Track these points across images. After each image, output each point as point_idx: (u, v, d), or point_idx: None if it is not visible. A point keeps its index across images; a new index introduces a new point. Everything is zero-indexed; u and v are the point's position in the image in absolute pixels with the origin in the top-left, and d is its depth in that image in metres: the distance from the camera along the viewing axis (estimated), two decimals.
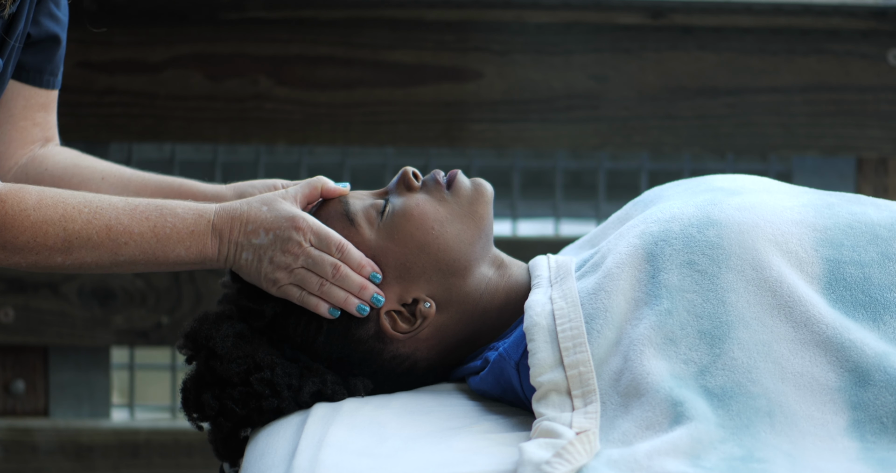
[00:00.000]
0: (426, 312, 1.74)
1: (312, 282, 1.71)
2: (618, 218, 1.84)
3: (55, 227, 1.68)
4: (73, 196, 1.70)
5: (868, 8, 2.72)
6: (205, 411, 1.74)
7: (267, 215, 1.71)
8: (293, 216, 1.71)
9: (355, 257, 1.72)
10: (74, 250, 1.69)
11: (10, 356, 2.83)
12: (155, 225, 1.70)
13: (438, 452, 1.56)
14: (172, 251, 1.71)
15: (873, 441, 1.48)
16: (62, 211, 1.69)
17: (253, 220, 1.71)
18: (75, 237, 1.68)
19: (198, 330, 1.75)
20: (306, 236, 1.70)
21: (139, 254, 1.70)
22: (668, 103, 2.76)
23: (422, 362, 1.77)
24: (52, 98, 1.93)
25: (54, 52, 1.88)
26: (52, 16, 1.86)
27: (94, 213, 1.69)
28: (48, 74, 1.90)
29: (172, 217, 1.71)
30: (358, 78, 2.74)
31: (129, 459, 2.83)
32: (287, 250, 1.70)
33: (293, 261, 1.70)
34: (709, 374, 1.53)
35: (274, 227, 1.71)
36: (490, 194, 1.79)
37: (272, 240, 1.70)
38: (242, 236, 1.71)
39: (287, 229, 1.70)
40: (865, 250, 1.62)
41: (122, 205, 1.71)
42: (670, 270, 1.60)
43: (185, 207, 1.72)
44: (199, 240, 1.71)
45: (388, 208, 1.76)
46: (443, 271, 1.75)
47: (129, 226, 1.70)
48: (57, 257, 1.69)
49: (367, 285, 1.72)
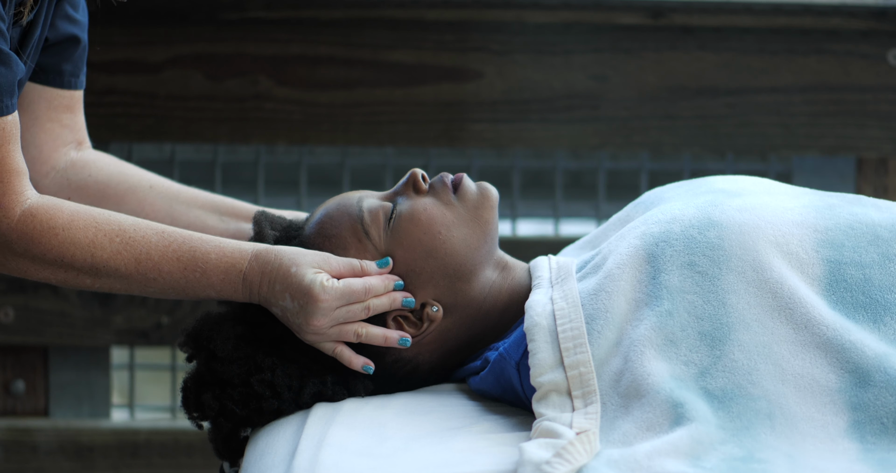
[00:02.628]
0: (433, 316, 1.74)
1: (349, 335, 1.70)
2: (618, 219, 1.84)
3: (83, 251, 1.67)
4: (108, 221, 1.69)
5: (868, 8, 2.72)
6: (205, 411, 1.74)
7: (292, 281, 1.68)
8: (311, 289, 1.67)
9: (379, 285, 1.71)
10: (102, 276, 1.69)
11: (10, 356, 2.83)
12: (185, 267, 1.69)
13: (438, 452, 1.56)
14: (203, 292, 1.70)
15: (873, 442, 1.48)
16: (92, 236, 1.67)
17: (279, 281, 1.69)
18: (102, 266, 1.68)
19: (199, 331, 1.75)
20: (331, 304, 1.68)
21: (169, 290, 1.70)
22: (668, 103, 2.76)
23: (424, 365, 1.77)
24: (76, 99, 1.92)
25: (73, 52, 1.87)
26: (69, 17, 1.85)
27: (125, 243, 1.68)
28: (69, 74, 1.89)
29: (204, 263, 1.69)
30: (358, 78, 2.74)
31: (129, 459, 2.83)
32: (313, 322, 1.68)
33: (322, 327, 1.69)
34: (709, 376, 1.53)
35: (297, 296, 1.68)
36: (495, 199, 1.79)
37: (298, 308, 1.68)
38: (270, 295, 1.69)
39: (309, 303, 1.67)
40: (866, 252, 1.62)
41: (156, 240, 1.69)
42: (671, 271, 1.60)
43: (220, 252, 1.70)
44: (229, 287, 1.70)
45: (395, 212, 1.76)
46: (449, 275, 1.75)
47: (158, 263, 1.68)
48: (86, 279, 1.69)
49: (395, 297, 1.72)
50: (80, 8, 1.87)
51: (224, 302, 1.79)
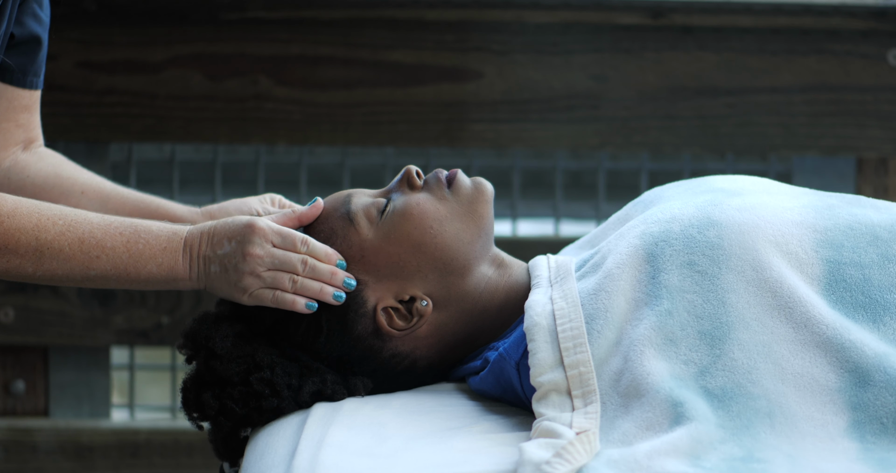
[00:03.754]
0: (422, 310, 1.74)
1: (284, 280, 1.71)
2: (618, 219, 1.84)
3: (27, 236, 1.68)
4: (50, 208, 1.70)
5: (868, 8, 2.72)
6: (205, 410, 1.74)
7: (230, 225, 1.72)
8: (250, 222, 1.71)
9: (320, 249, 1.73)
10: (46, 260, 1.69)
11: (10, 356, 2.83)
12: (128, 240, 1.70)
13: (438, 452, 1.56)
14: (144, 268, 1.71)
15: (873, 442, 1.48)
16: (36, 221, 1.68)
17: (218, 232, 1.72)
18: (47, 248, 1.68)
19: (197, 330, 1.75)
20: (267, 238, 1.71)
21: (111, 269, 1.70)
22: (668, 103, 2.76)
23: (421, 360, 1.77)
24: (35, 99, 1.93)
25: (37, 52, 1.89)
26: (36, 16, 1.86)
27: (68, 225, 1.69)
28: (31, 74, 1.90)
29: (146, 234, 1.71)
30: (358, 78, 2.74)
31: (129, 459, 2.83)
32: (249, 254, 1.70)
33: (258, 264, 1.71)
34: (709, 375, 1.53)
35: (235, 234, 1.71)
36: (490, 193, 1.79)
37: (234, 247, 1.71)
38: (209, 249, 1.71)
39: (246, 234, 1.71)
40: (865, 252, 1.62)
41: (97, 220, 1.71)
42: (671, 270, 1.60)
43: (160, 225, 1.72)
44: (170, 257, 1.71)
45: (388, 207, 1.76)
46: (440, 269, 1.75)
47: (101, 240, 1.70)
48: (28, 267, 1.69)
49: (336, 270, 1.73)
50: (44, 6, 1.88)
51: (221, 302, 1.79)
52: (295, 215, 1.77)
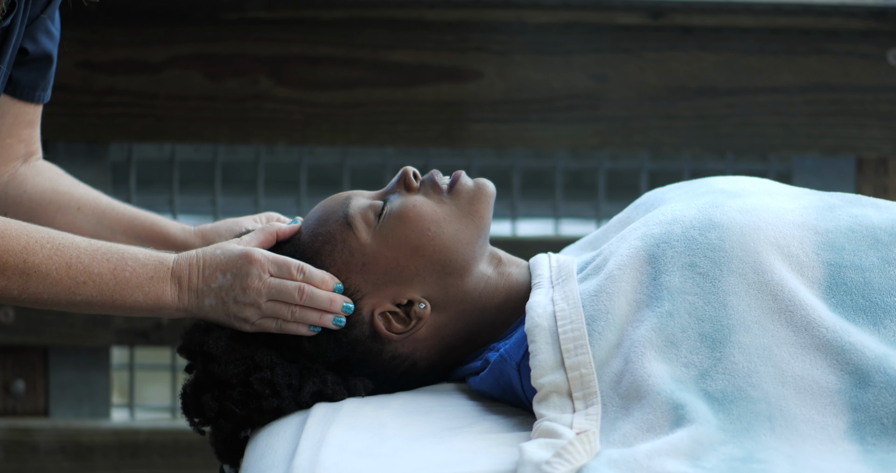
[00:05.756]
0: (421, 313, 1.74)
1: (283, 311, 1.71)
2: (619, 221, 1.84)
3: (15, 258, 1.67)
4: (38, 230, 1.70)
5: (868, 8, 2.72)
6: (205, 413, 1.74)
7: (220, 257, 1.71)
8: (245, 252, 1.71)
9: (317, 275, 1.72)
10: (32, 283, 1.68)
11: (10, 356, 2.83)
12: (115, 267, 1.69)
13: (438, 452, 1.56)
14: (130, 296, 1.70)
15: (873, 443, 1.48)
16: (24, 243, 1.68)
17: (209, 264, 1.71)
18: (34, 271, 1.68)
19: (190, 339, 1.76)
20: (264, 268, 1.71)
21: (97, 295, 1.69)
22: (668, 103, 2.76)
23: (422, 361, 1.77)
24: (38, 113, 1.93)
25: (48, 69, 1.89)
26: (49, 33, 1.86)
27: (56, 249, 1.69)
28: (40, 89, 1.90)
29: (133, 262, 1.70)
30: (358, 78, 2.74)
31: (129, 459, 2.83)
32: (248, 287, 1.70)
33: (257, 296, 1.70)
34: (709, 378, 1.53)
35: (230, 267, 1.70)
36: (491, 194, 1.79)
37: (231, 280, 1.70)
38: (201, 282, 1.71)
39: (243, 266, 1.70)
40: (866, 255, 1.62)
41: (85, 245, 1.70)
42: (672, 272, 1.60)
43: (147, 253, 1.72)
44: (157, 286, 1.70)
45: (385, 210, 1.76)
46: (438, 272, 1.75)
47: (89, 265, 1.69)
48: (13, 289, 1.68)
49: (334, 297, 1.72)
50: (56, 22, 1.88)
51: None
52: (273, 232, 1.77)
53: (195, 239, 1.92)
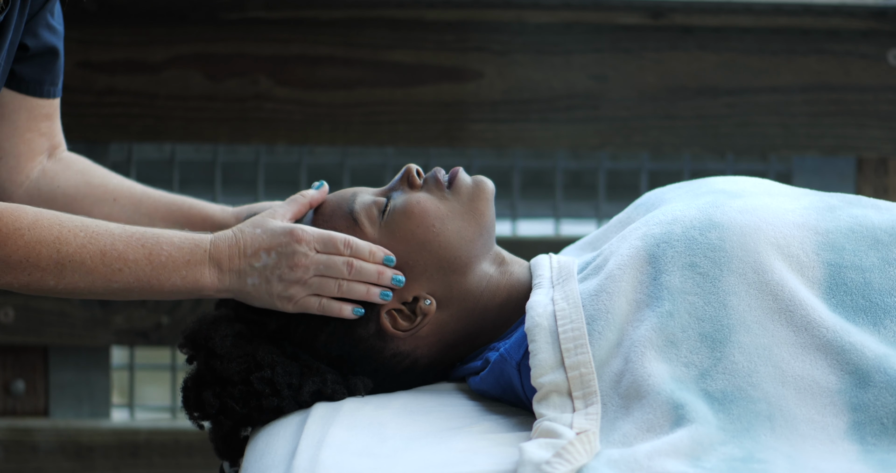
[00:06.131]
0: (426, 309, 1.74)
1: (331, 286, 1.70)
2: (619, 221, 1.84)
3: (48, 248, 1.66)
4: (71, 220, 1.69)
5: (868, 8, 2.72)
6: (205, 409, 1.74)
7: (263, 237, 1.70)
8: (290, 230, 1.70)
9: (364, 248, 1.72)
10: (67, 273, 1.67)
11: (10, 356, 2.83)
12: (150, 252, 1.68)
13: (438, 452, 1.56)
14: (168, 280, 1.69)
15: (873, 443, 1.48)
16: (57, 233, 1.67)
17: (250, 244, 1.70)
18: (69, 260, 1.67)
19: (197, 331, 1.75)
20: (311, 245, 1.70)
21: (133, 281, 1.68)
22: (668, 103, 2.76)
23: (422, 359, 1.77)
24: (55, 107, 1.93)
25: (53, 63, 1.88)
26: (50, 27, 1.86)
27: (89, 237, 1.68)
28: (48, 84, 1.89)
29: (169, 246, 1.69)
30: (358, 78, 2.74)
31: (129, 459, 2.83)
32: (296, 265, 1.69)
33: (304, 273, 1.69)
34: (709, 378, 1.53)
35: (274, 245, 1.70)
36: (491, 191, 1.79)
37: (276, 259, 1.69)
38: (244, 262, 1.70)
39: (289, 244, 1.69)
40: (866, 255, 1.62)
41: (119, 232, 1.69)
42: (672, 272, 1.60)
43: (182, 236, 1.70)
44: (195, 269, 1.69)
45: (389, 206, 1.76)
46: (443, 268, 1.75)
47: (123, 252, 1.68)
48: (49, 280, 1.67)
49: (382, 269, 1.72)
50: (57, 16, 1.88)
51: (221, 303, 1.79)
52: (305, 202, 1.77)
53: (234, 221, 1.90)
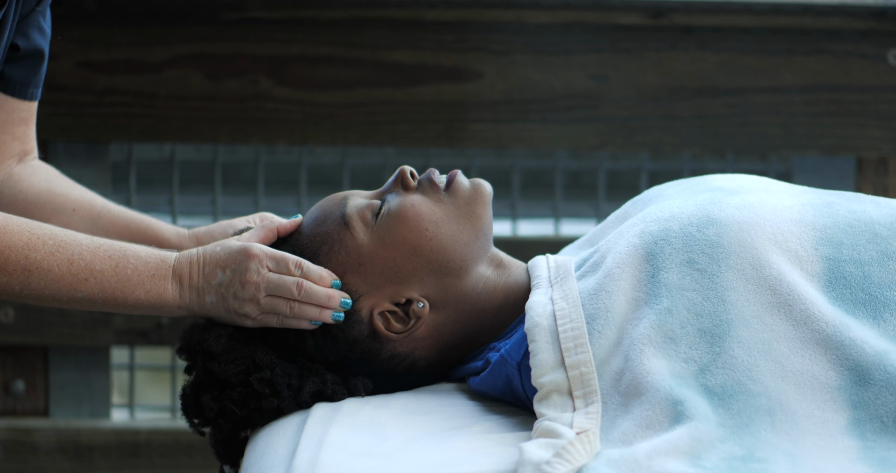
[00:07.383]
0: (419, 312, 1.74)
1: (282, 306, 1.71)
2: (616, 217, 1.84)
3: (17, 254, 1.67)
4: (40, 227, 1.70)
5: (868, 8, 2.72)
6: (205, 413, 1.74)
7: (220, 254, 1.72)
8: (244, 248, 1.71)
9: (314, 271, 1.72)
10: (34, 279, 1.68)
11: (10, 356, 2.83)
12: (117, 265, 1.70)
13: (439, 452, 1.56)
14: (132, 293, 1.70)
15: (874, 440, 1.48)
16: (26, 239, 1.68)
17: (209, 261, 1.71)
18: (36, 267, 1.68)
19: (190, 338, 1.76)
20: (263, 263, 1.71)
21: (98, 292, 1.70)
22: (668, 103, 2.76)
23: (421, 361, 1.77)
24: (33, 111, 1.93)
25: (40, 65, 1.89)
26: (41, 29, 1.86)
27: (57, 246, 1.69)
28: (33, 86, 1.90)
29: (135, 259, 1.71)
30: (358, 78, 2.74)
31: (129, 459, 2.83)
32: (247, 281, 1.70)
33: (256, 291, 1.71)
34: (709, 373, 1.53)
35: (229, 262, 1.71)
36: (488, 195, 1.79)
37: (231, 276, 1.71)
38: (202, 279, 1.71)
39: (242, 261, 1.71)
40: (865, 249, 1.62)
41: (88, 242, 1.70)
42: (670, 269, 1.60)
43: (149, 251, 1.72)
44: (159, 284, 1.71)
45: (383, 210, 1.76)
46: (437, 271, 1.75)
47: (90, 262, 1.69)
48: (15, 286, 1.68)
49: (332, 293, 1.72)
50: (48, 18, 1.88)
51: None
52: (273, 228, 1.78)
53: (189, 242, 1.92)
